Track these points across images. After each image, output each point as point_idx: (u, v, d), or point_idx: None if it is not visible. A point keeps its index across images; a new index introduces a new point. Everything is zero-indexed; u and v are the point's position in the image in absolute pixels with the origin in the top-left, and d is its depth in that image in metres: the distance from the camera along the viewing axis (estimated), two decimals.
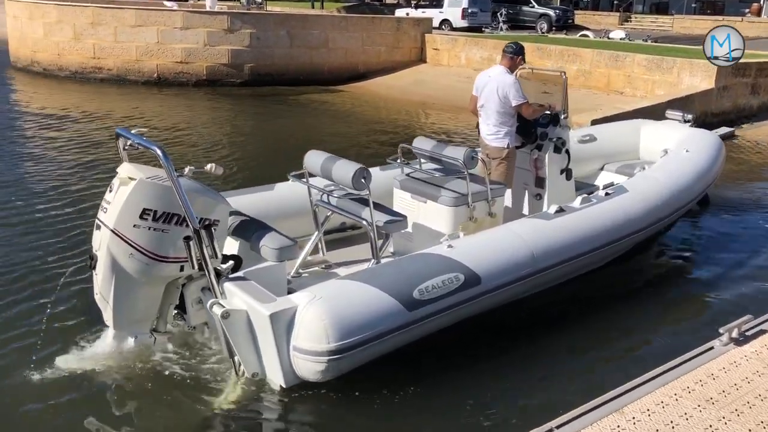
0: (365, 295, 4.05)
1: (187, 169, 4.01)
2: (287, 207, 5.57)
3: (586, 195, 5.63)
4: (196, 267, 3.95)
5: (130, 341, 4.44)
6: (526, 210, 6.38)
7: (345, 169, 4.73)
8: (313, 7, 33.24)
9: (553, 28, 29.90)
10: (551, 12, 31.89)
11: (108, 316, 4.20)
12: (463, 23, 26.48)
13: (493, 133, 6.05)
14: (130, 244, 3.92)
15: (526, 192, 6.41)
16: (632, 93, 14.44)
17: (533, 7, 32.11)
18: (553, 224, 5.15)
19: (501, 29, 27.01)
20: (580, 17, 35.84)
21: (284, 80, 17.23)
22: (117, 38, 16.66)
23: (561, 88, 6.20)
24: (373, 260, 4.81)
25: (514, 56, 6.01)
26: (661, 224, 6.09)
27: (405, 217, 5.08)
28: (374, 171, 6.07)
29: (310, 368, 3.88)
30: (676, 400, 3.36)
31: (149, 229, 3.91)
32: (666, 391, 3.43)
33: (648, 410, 3.27)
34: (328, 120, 13.87)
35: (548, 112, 6.13)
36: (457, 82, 17.18)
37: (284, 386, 4.01)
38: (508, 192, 6.15)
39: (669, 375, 3.58)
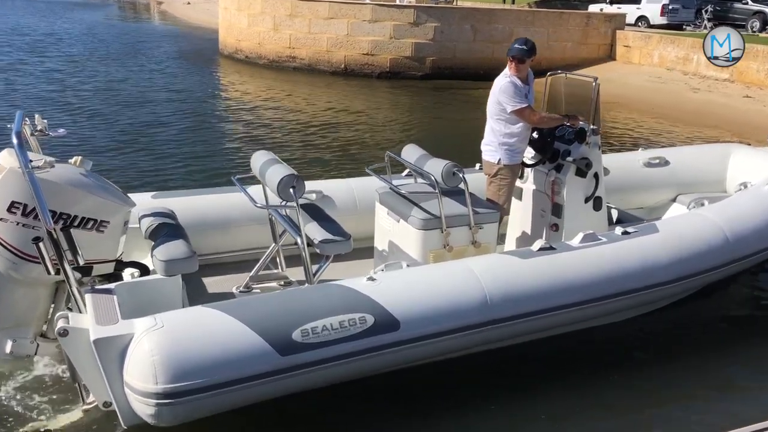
0: (223, 330, 3.35)
1: (42, 161, 3.57)
2: (257, 213, 4.85)
3: (592, 232, 4.55)
4: (52, 272, 3.41)
5: (8, 345, 3.89)
6: None
7: (275, 174, 4.09)
8: (504, 2, 32.94)
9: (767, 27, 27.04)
10: None
11: None
12: (662, 20, 24.79)
13: (487, 145, 5.13)
14: None
15: (545, 221, 5.30)
16: None
17: (746, 3, 29.25)
18: (529, 264, 4.14)
19: (705, 27, 24.96)
20: None
21: (464, 74, 17.27)
22: (311, 30, 17.71)
23: (592, 98, 5.15)
24: (306, 285, 4.11)
25: (510, 58, 4.92)
26: (709, 277, 4.82)
27: (349, 237, 4.21)
28: (372, 180, 5.29)
29: (141, 410, 3.28)
30: None
31: (17, 224, 3.52)
32: None
33: None
34: None
35: (567, 123, 5.06)
36: (647, 82, 16.23)
37: (123, 426, 3.45)
38: (517, 219, 5.36)
39: None
